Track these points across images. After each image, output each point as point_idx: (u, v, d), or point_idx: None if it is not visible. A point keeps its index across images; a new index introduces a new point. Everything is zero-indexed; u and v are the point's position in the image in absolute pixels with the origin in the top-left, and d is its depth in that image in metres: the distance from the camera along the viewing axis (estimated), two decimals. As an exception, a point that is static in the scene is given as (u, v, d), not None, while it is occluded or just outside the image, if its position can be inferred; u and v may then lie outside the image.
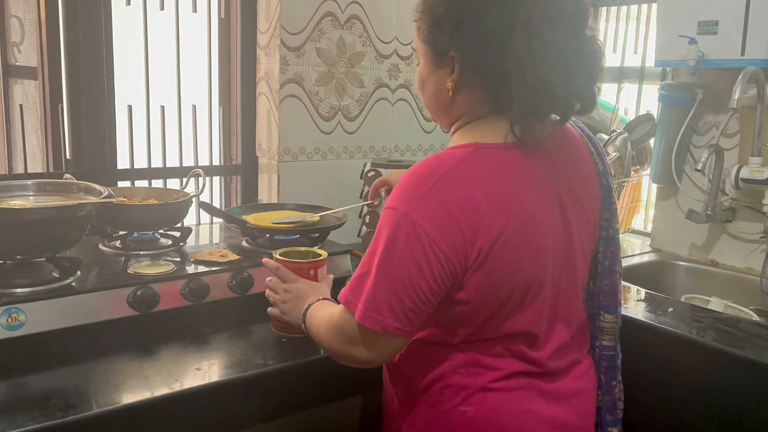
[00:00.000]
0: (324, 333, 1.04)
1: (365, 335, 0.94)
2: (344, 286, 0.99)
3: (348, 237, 1.88)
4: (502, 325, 0.96)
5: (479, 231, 0.89)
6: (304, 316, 1.14)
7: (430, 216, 0.88)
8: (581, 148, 1.07)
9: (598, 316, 1.12)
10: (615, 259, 1.10)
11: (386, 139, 2.17)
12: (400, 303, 0.90)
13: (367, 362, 0.98)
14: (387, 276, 0.90)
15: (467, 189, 0.89)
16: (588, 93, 0.94)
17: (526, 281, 0.94)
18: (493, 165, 0.93)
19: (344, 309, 0.97)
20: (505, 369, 0.98)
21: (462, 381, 0.98)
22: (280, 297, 1.22)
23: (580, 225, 1.01)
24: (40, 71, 1.73)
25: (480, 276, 0.91)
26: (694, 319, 1.47)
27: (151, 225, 1.54)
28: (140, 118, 1.84)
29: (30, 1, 1.76)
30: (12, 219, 1.17)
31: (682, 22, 1.78)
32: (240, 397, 1.14)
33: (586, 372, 1.09)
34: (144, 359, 1.17)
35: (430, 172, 0.91)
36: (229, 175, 2.08)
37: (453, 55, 0.95)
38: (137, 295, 1.27)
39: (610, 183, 1.08)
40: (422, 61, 1.03)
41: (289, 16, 1.87)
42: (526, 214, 0.92)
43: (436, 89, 1.01)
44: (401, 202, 0.90)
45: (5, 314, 1.13)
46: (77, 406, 0.99)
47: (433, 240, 0.88)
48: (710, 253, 1.97)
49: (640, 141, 2.17)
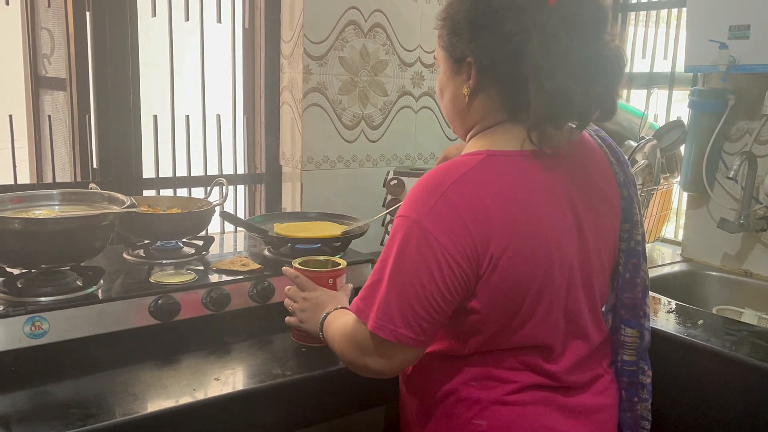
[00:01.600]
0: (339, 343, 1.04)
1: (378, 345, 0.94)
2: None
3: (371, 246, 1.87)
4: (515, 336, 0.94)
5: (490, 238, 0.88)
6: (321, 324, 1.13)
7: (441, 223, 0.87)
8: (600, 158, 1.05)
9: (620, 330, 1.09)
10: (637, 272, 1.07)
11: (410, 147, 2.16)
12: (413, 312, 0.90)
13: (380, 372, 0.97)
14: (399, 284, 0.90)
15: (478, 196, 0.88)
16: (608, 100, 0.92)
17: (539, 291, 0.92)
18: (504, 172, 0.92)
19: (357, 319, 0.97)
20: (520, 382, 0.96)
21: (475, 394, 0.97)
22: (299, 305, 1.21)
23: (597, 236, 0.99)
24: (68, 82, 1.77)
25: (491, 284, 0.90)
26: (726, 332, 1.42)
27: (174, 234, 1.55)
28: (165, 127, 1.86)
29: (59, 13, 1.79)
30: (37, 229, 1.19)
31: (713, 27, 1.73)
32: (259, 407, 1.14)
33: (608, 387, 1.06)
34: (164, 368, 1.18)
35: (441, 180, 0.91)
36: (253, 183, 2.09)
37: (470, 61, 0.95)
38: (158, 304, 1.27)
39: (631, 194, 1.05)
40: (442, 68, 1.03)
41: (312, 25, 1.87)
42: (539, 223, 0.91)
43: (454, 96, 1.01)
44: (412, 210, 0.90)
45: (29, 323, 1.14)
46: (96, 415, 1.00)
47: (445, 247, 0.87)
48: (744, 263, 1.91)
49: (670, 148, 2.12)
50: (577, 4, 0.89)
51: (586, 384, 1.01)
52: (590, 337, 1.02)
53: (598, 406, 1.02)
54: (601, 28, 0.90)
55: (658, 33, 2.33)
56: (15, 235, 1.17)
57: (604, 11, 0.91)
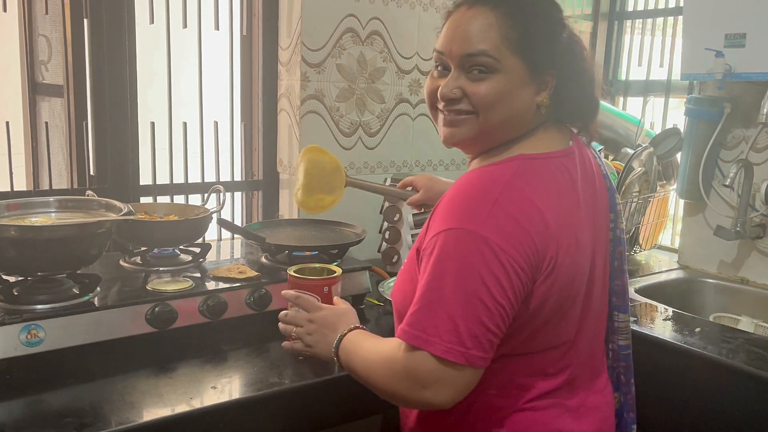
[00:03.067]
0: (381, 377, 0.92)
1: (444, 373, 0.85)
2: (404, 319, 0.89)
3: (367, 253, 1.87)
4: (544, 338, 0.94)
5: (549, 241, 0.87)
6: (336, 347, 1.02)
7: (501, 230, 0.84)
8: (588, 153, 1.07)
9: (612, 316, 1.10)
10: (623, 260, 1.08)
11: (407, 154, 2.16)
12: (483, 329, 0.84)
13: (443, 404, 0.87)
14: (464, 301, 0.83)
15: (530, 201, 0.88)
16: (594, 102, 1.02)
17: (577, 291, 0.94)
18: (543, 174, 0.93)
19: (409, 347, 0.87)
20: (537, 389, 0.96)
21: (495, 403, 0.96)
22: (305, 329, 1.09)
23: (602, 231, 1.02)
24: (65, 89, 1.77)
25: (546, 286, 0.89)
26: (722, 340, 1.42)
27: (171, 241, 1.55)
28: (163, 134, 1.86)
29: (57, 20, 1.79)
30: (33, 236, 1.18)
31: (709, 35, 1.74)
32: (255, 416, 1.13)
33: (606, 385, 1.08)
34: (160, 377, 1.17)
35: (487, 188, 0.88)
36: (250, 190, 2.09)
37: (553, 73, 0.95)
38: (155, 312, 1.27)
39: (612, 184, 1.08)
40: (508, 73, 0.92)
41: (310, 33, 1.88)
42: (578, 224, 0.93)
43: (526, 105, 0.94)
44: (465, 221, 0.85)
45: (24, 331, 1.13)
46: (92, 424, 0.99)
47: (509, 254, 0.84)
48: (740, 271, 1.92)
49: (667, 155, 2.13)
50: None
51: (588, 381, 1.03)
52: (596, 331, 1.04)
53: (599, 404, 1.04)
54: None
55: (654, 41, 2.34)
56: (11, 243, 1.16)
57: None
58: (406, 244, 1.85)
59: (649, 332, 1.45)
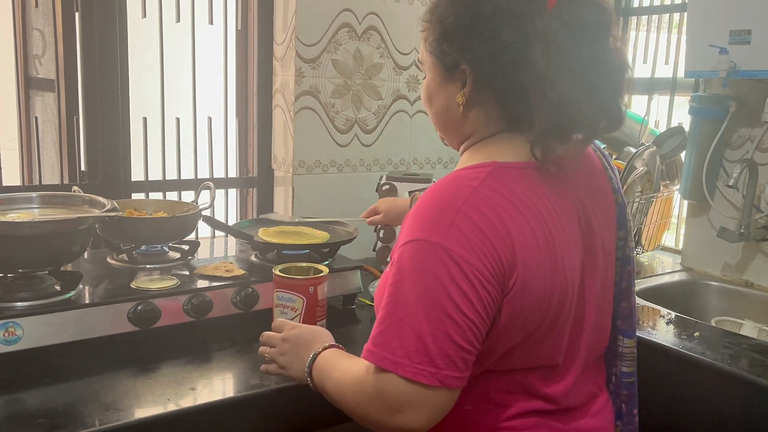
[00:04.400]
0: (353, 401, 0.87)
1: (416, 396, 0.79)
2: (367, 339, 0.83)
3: (362, 252, 1.84)
4: (522, 358, 0.88)
5: (515, 254, 0.81)
6: (309, 367, 0.98)
7: (464, 242, 0.79)
8: (597, 165, 1.01)
9: (617, 341, 1.03)
10: (631, 280, 1.02)
11: (404, 151, 2.13)
12: (454, 346, 0.78)
13: (420, 429, 0.81)
14: (431, 317, 0.78)
15: (495, 211, 0.81)
16: (614, 109, 0.87)
17: (556, 310, 0.86)
18: (515, 185, 0.85)
19: (378, 369, 0.81)
20: (516, 407, 0.90)
21: (471, 419, 0.90)
22: (278, 349, 1.05)
23: (603, 249, 0.94)
24: (57, 83, 1.75)
25: (514, 305, 0.83)
26: (723, 345, 1.38)
27: (158, 238, 1.52)
28: (155, 130, 1.83)
29: (48, 14, 1.77)
30: (13, 232, 1.16)
31: (713, 32, 1.69)
32: (236, 418, 1.10)
33: (604, 407, 1.01)
34: (139, 377, 1.15)
35: (451, 197, 0.83)
36: (245, 187, 2.07)
37: (464, 68, 0.89)
38: (138, 311, 1.24)
39: (624, 200, 1.01)
40: (429, 75, 0.96)
41: (305, 28, 1.85)
42: (554, 239, 0.85)
43: (446, 105, 0.94)
44: (427, 232, 0.80)
45: (2, 328, 1.11)
46: (63, 426, 0.97)
47: (475, 267, 0.78)
48: (744, 273, 1.87)
49: (671, 155, 2.08)
50: (576, 7, 0.84)
51: (582, 405, 0.96)
52: (590, 354, 0.97)
53: (594, 428, 0.97)
54: (604, 32, 0.85)
55: (659, 38, 2.29)
56: (-10, 239, 1.14)
57: (609, 14, 0.86)
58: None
59: (650, 336, 1.41)
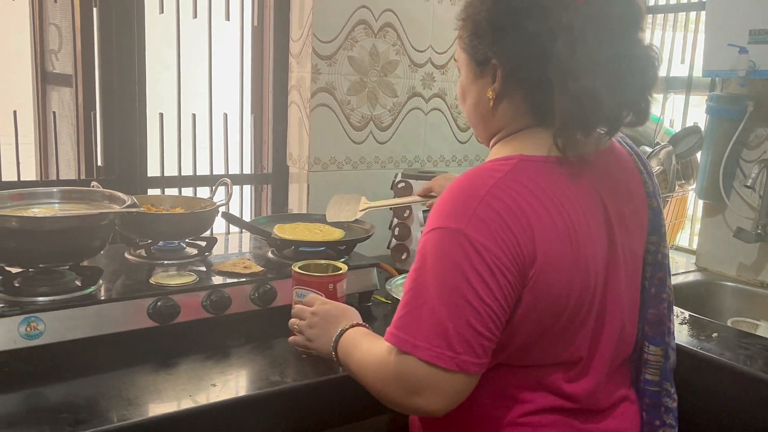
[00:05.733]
0: (373, 379, 0.91)
1: (434, 379, 0.82)
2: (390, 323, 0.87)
3: (376, 249, 1.84)
4: (541, 352, 0.89)
5: (535, 245, 0.83)
6: (335, 343, 1.03)
7: (485, 230, 0.81)
8: (630, 166, 1.01)
9: (643, 347, 1.03)
10: (662, 287, 1.02)
11: (419, 149, 2.13)
12: (472, 331, 0.81)
13: (436, 411, 0.84)
14: (451, 303, 0.81)
15: (517, 202, 0.83)
16: (641, 103, 0.88)
17: (576, 305, 0.87)
18: (538, 178, 0.87)
19: (398, 351, 0.84)
20: (536, 403, 0.91)
21: (489, 413, 0.91)
22: (307, 321, 1.11)
23: (626, 249, 0.95)
24: (74, 78, 1.75)
25: (533, 295, 0.84)
26: (740, 346, 1.38)
27: (176, 234, 1.53)
28: (171, 125, 1.84)
29: (66, 9, 1.78)
30: (35, 227, 1.17)
31: (732, 31, 1.69)
32: (256, 414, 1.11)
33: (629, 410, 1.01)
34: (160, 373, 1.15)
35: (476, 186, 0.85)
36: (260, 184, 2.07)
37: (494, 63, 0.91)
38: (157, 306, 1.25)
39: (660, 204, 1.01)
40: (463, 71, 0.99)
41: (322, 24, 1.85)
42: (575, 233, 0.86)
43: (477, 99, 0.97)
44: (450, 220, 0.83)
45: (24, 323, 1.12)
46: (87, 421, 0.97)
47: (495, 255, 0.81)
48: (760, 274, 1.86)
49: (686, 154, 2.07)
50: (605, 2, 0.85)
51: (607, 408, 0.96)
52: (615, 356, 0.97)
53: (616, 431, 0.97)
54: (632, 25, 0.86)
55: (675, 36, 2.28)
56: (12, 234, 1.15)
57: (636, 7, 0.86)
58: (415, 240, 1.82)
59: (664, 336, 1.41)
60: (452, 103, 2.16)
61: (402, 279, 1.57)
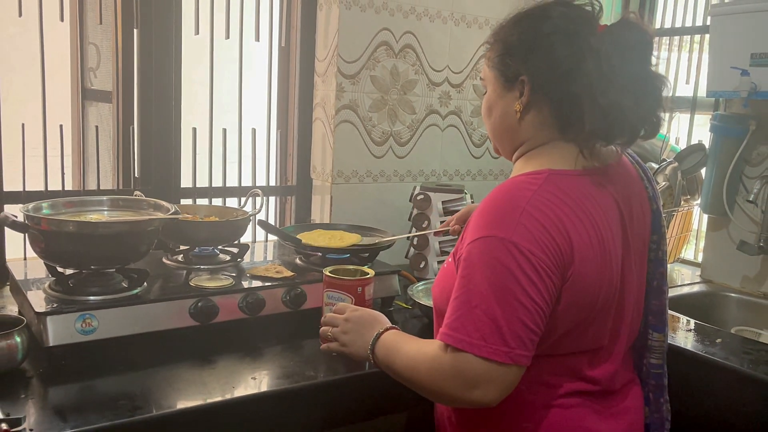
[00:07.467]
0: (428, 377, 0.96)
1: (492, 373, 0.90)
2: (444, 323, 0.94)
3: (395, 258, 1.93)
4: (573, 342, 1.00)
5: (573, 249, 0.93)
6: (373, 345, 1.09)
7: (531, 237, 0.91)
8: (634, 174, 1.12)
9: (647, 334, 1.15)
10: (663, 280, 1.14)
11: (436, 163, 2.22)
12: (525, 329, 0.90)
13: (489, 403, 0.92)
14: (505, 304, 0.89)
15: (554, 211, 0.94)
16: (653, 119, 1.00)
17: (603, 298, 0.98)
18: (568, 190, 0.97)
19: (453, 349, 0.92)
20: (565, 387, 1.01)
21: (525, 398, 1.01)
22: (341, 328, 1.17)
23: (637, 249, 1.06)
24: (114, 95, 1.86)
25: (571, 292, 0.94)
26: (744, 351, 1.45)
27: (211, 241, 1.62)
28: (204, 139, 1.95)
29: (107, 29, 1.89)
30: (90, 232, 1.27)
31: (735, 54, 1.78)
32: (291, 407, 1.20)
33: (635, 390, 1.13)
34: (203, 367, 1.25)
35: (516, 198, 0.95)
36: (284, 195, 2.17)
37: (523, 79, 1.02)
38: (198, 307, 1.34)
39: (659, 207, 1.12)
40: (490, 88, 1.09)
41: (346, 46, 1.96)
42: (602, 237, 0.97)
43: (504, 112, 1.07)
44: (495, 230, 0.92)
45: (80, 319, 1.21)
46: (143, 407, 1.07)
47: (540, 259, 0.91)
48: (763, 286, 1.94)
49: (691, 171, 2.16)
50: (626, 29, 0.98)
51: (620, 389, 1.08)
52: (628, 343, 1.09)
53: (627, 408, 1.08)
54: (648, 51, 0.99)
55: (680, 58, 2.37)
56: (69, 237, 1.25)
57: (649, 36, 0.99)
58: (433, 250, 1.91)
59: (671, 342, 1.49)
60: (467, 120, 2.26)
61: (423, 285, 1.66)
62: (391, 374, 1.06)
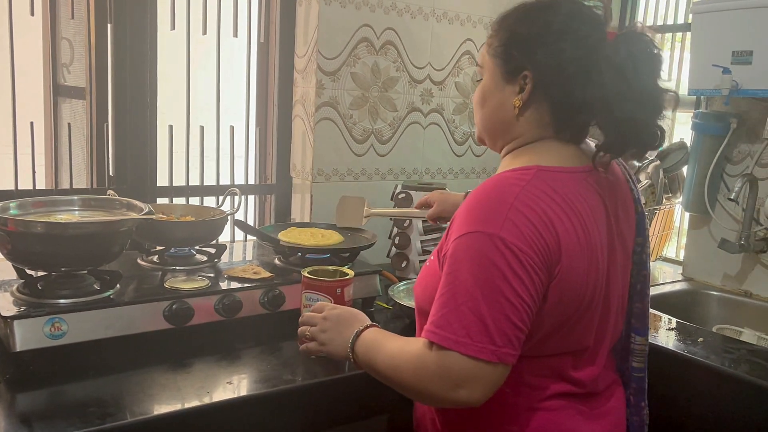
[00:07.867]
0: (413, 376, 0.94)
1: (477, 372, 0.88)
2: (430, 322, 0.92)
3: (377, 257, 1.90)
4: (557, 343, 0.98)
5: (561, 246, 0.91)
6: (353, 343, 1.06)
7: (517, 233, 0.89)
8: (620, 176, 1.10)
9: (629, 337, 1.13)
10: (646, 283, 1.12)
11: (417, 161, 2.20)
12: (511, 326, 0.88)
13: (475, 403, 0.90)
14: (491, 301, 0.87)
15: (542, 207, 0.92)
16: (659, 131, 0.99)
17: (590, 299, 0.97)
18: (556, 187, 0.96)
19: (439, 348, 0.89)
20: (549, 389, 1.00)
21: (509, 400, 0.99)
22: (319, 327, 1.13)
23: (620, 248, 1.05)
24: (88, 91, 1.81)
25: (557, 289, 0.93)
26: (725, 351, 1.45)
27: (188, 241, 1.59)
28: (180, 137, 1.90)
29: (80, 24, 1.84)
30: (59, 232, 1.22)
31: (716, 52, 1.78)
32: (269, 411, 1.17)
33: (618, 391, 1.12)
34: (178, 371, 1.21)
35: (503, 193, 0.93)
36: (263, 194, 2.14)
37: (527, 74, 0.99)
38: (173, 309, 1.31)
39: (643, 210, 1.11)
40: (488, 76, 1.05)
41: (326, 42, 1.93)
42: (590, 237, 0.96)
43: (499, 105, 1.04)
44: (482, 225, 0.90)
45: (48, 323, 1.17)
46: (114, 414, 1.03)
47: (528, 255, 0.89)
48: (744, 284, 1.94)
49: (673, 169, 2.16)
50: (638, 41, 0.96)
51: (604, 391, 1.07)
52: (610, 345, 1.08)
53: (611, 409, 1.08)
54: (659, 65, 0.97)
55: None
56: (37, 238, 1.21)
57: (658, 51, 0.98)
58: (415, 249, 1.89)
59: (653, 341, 1.48)
60: (449, 117, 2.24)
61: (404, 285, 1.63)
62: (372, 373, 1.03)
